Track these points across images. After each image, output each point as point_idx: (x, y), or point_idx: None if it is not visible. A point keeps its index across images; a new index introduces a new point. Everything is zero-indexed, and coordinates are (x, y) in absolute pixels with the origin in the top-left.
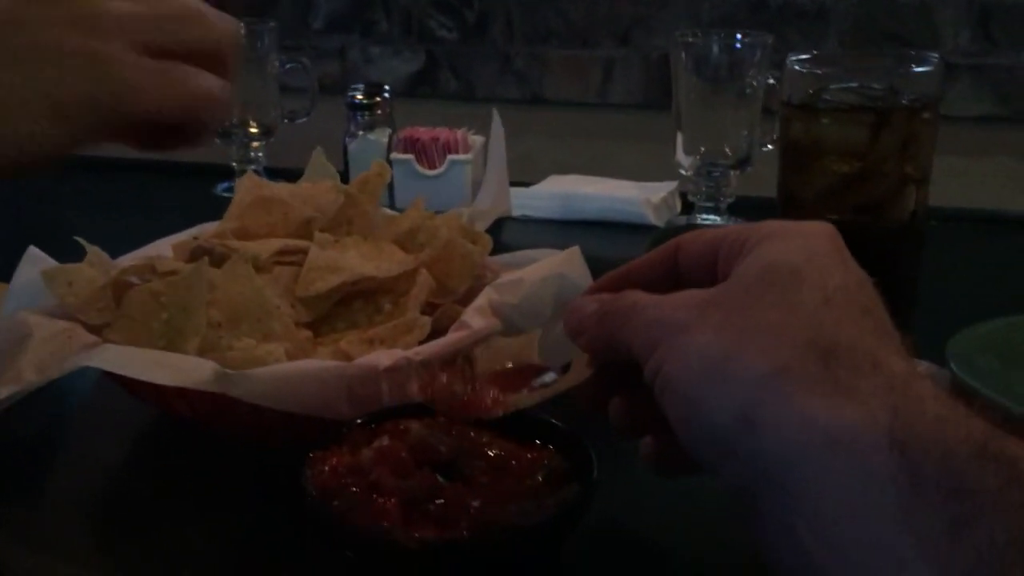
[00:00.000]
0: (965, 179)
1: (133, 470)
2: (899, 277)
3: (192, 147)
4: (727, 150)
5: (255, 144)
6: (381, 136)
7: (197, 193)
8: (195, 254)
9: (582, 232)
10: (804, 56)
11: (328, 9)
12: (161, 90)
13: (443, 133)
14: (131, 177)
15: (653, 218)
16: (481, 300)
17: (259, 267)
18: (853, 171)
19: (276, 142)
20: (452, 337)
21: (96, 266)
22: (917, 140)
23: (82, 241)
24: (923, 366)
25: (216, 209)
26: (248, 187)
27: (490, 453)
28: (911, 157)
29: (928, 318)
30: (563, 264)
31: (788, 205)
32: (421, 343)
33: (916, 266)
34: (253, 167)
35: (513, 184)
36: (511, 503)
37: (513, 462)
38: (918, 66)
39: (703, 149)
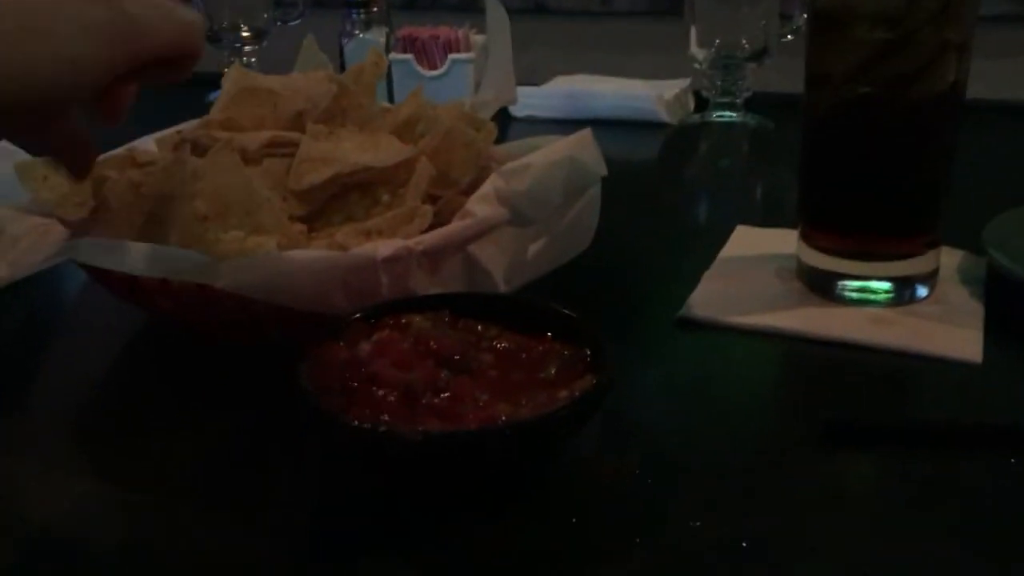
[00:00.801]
0: (989, 80)
1: (120, 375)
2: (936, 154)
3: (177, 76)
4: (744, 41)
5: (247, 49)
6: (378, 35)
7: (187, 101)
8: (178, 146)
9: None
10: None
11: None
12: (161, 19)
13: (444, 31)
14: None
15: (666, 115)
16: (486, 188)
17: (248, 159)
18: (888, 39)
19: (269, 48)
20: (456, 226)
21: None
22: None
23: None
24: (956, 255)
25: None
26: (235, 78)
27: (498, 346)
28: (952, 19)
29: (961, 207)
30: (574, 147)
31: (817, 82)
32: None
33: (954, 141)
34: None
35: (517, 85)
36: (521, 396)
37: (523, 355)
38: None
39: (718, 41)
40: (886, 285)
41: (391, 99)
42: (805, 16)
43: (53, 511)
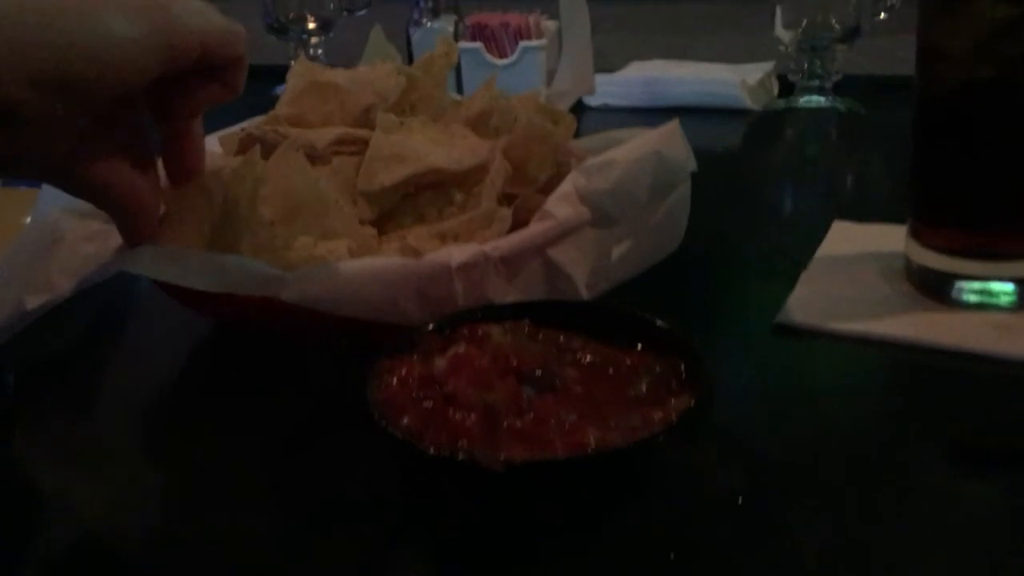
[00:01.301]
0: None
1: (185, 380)
2: None
3: (228, 90)
4: (833, 21)
5: (313, 40)
6: (447, 24)
7: (253, 96)
8: (244, 144)
9: (670, 120)
10: None
11: None
12: (202, 20)
13: (514, 18)
14: None
15: (749, 101)
16: (566, 186)
17: (315, 157)
18: (1012, 15)
19: (335, 39)
20: (535, 228)
21: None
22: None
23: None
24: None
25: None
26: (301, 72)
27: (583, 360)
28: None
29: None
30: (660, 141)
31: (931, 60)
32: None
33: None
34: None
35: None
36: (612, 417)
37: (611, 370)
38: None
39: (805, 21)
40: (1009, 287)
41: (460, 89)
42: None
43: (118, 510)
